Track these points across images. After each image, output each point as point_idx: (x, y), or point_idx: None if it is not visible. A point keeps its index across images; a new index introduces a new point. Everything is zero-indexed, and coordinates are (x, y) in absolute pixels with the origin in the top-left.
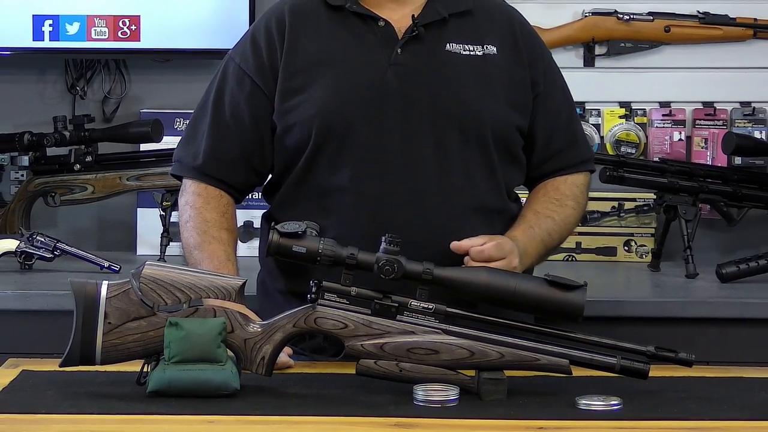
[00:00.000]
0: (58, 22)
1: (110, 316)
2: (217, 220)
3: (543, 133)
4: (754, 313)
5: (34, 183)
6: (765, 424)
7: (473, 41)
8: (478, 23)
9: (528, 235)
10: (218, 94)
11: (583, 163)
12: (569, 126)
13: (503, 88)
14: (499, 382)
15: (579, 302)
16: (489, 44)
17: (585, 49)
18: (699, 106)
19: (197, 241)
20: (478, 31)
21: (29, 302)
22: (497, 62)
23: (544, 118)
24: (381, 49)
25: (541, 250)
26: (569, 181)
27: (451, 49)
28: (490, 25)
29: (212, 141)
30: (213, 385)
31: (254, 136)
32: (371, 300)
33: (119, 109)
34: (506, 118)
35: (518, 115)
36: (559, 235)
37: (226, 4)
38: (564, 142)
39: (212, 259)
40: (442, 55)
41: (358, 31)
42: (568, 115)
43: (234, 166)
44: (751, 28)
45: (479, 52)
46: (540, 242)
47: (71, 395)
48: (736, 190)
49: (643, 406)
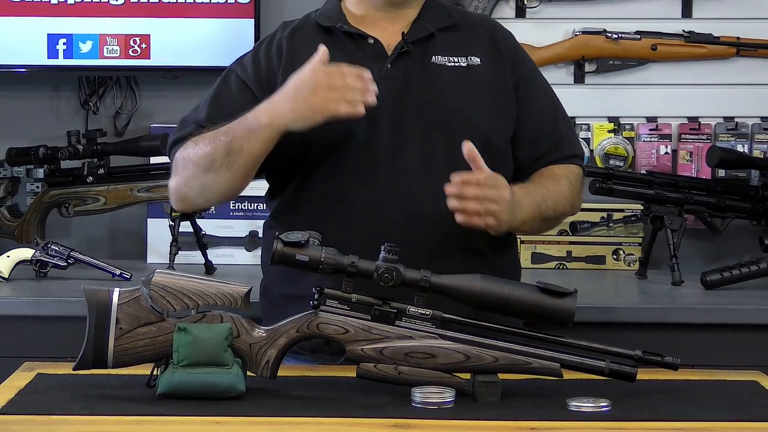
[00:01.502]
0: (72, 41)
1: (121, 321)
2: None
3: (529, 134)
4: (737, 318)
5: (49, 194)
6: (747, 425)
7: (458, 53)
8: (462, 36)
9: (523, 190)
10: (216, 98)
11: (571, 157)
12: (555, 127)
13: (488, 95)
14: (493, 385)
15: (570, 308)
16: (473, 55)
17: (575, 66)
18: (684, 121)
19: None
20: (462, 43)
21: (44, 308)
22: (481, 72)
23: (528, 120)
24: (371, 65)
25: (535, 210)
26: (562, 166)
27: (437, 62)
28: (474, 37)
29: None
30: (220, 387)
31: None
32: (371, 306)
33: (130, 123)
34: (492, 125)
35: (504, 120)
36: (554, 204)
37: (232, 24)
38: (550, 143)
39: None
40: (429, 68)
41: (350, 49)
42: (553, 117)
43: None
44: (734, 47)
45: (464, 63)
46: (534, 202)
47: (84, 397)
48: (720, 202)
49: (631, 408)
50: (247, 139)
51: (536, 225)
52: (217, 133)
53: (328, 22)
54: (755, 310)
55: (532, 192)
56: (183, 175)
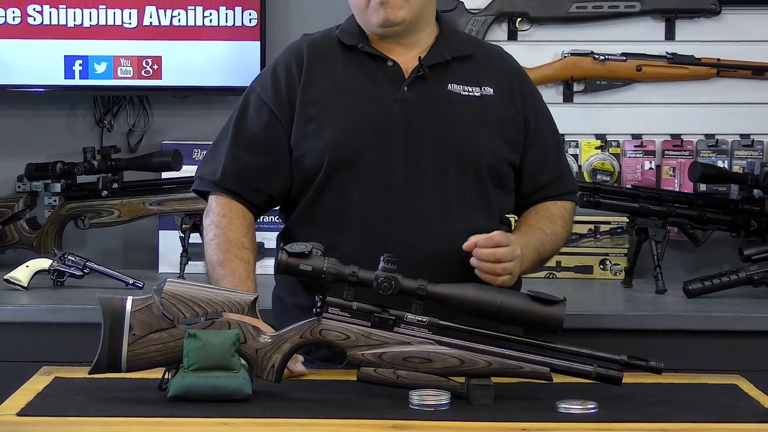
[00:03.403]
0: (88, 62)
1: (134, 328)
2: (239, 240)
3: (532, 167)
4: (718, 325)
5: (66, 208)
6: (727, 425)
7: (472, 83)
8: (477, 67)
9: (523, 240)
10: (239, 120)
11: (569, 193)
12: (557, 163)
13: (498, 125)
14: (486, 388)
15: (559, 315)
16: (486, 86)
17: (564, 86)
18: (667, 138)
19: (220, 258)
20: (477, 73)
21: (61, 315)
22: (493, 102)
23: (533, 154)
24: (389, 86)
25: (535, 256)
26: (558, 204)
27: (452, 89)
28: (488, 68)
29: (231, 160)
30: (228, 390)
31: (270, 159)
32: (371, 313)
33: (143, 140)
34: (500, 153)
35: (511, 151)
36: (551, 247)
37: (239, 47)
38: (551, 177)
39: (233, 276)
40: (444, 95)
41: (369, 69)
42: (556, 153)
43: (250, 184)
44: (714, 68)
45: (477, 93)
46: (534, 249)
47: (99, 400)
48: (701, 214)
49: (617, 410)
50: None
51: (534, 267)
52: (214, 270)
53: (350, 40)
54: (735, 317)
55: (533, 240)
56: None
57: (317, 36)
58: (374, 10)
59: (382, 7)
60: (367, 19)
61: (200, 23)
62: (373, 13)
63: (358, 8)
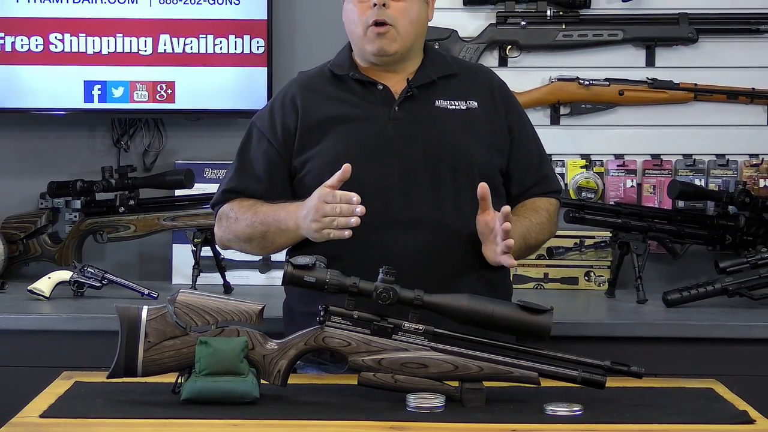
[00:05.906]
0: (106, 87)
1: (150, 335)
2: (253, 203)
3: (518, 171)
4: (695, 333)
5: (85, 223)
6: (704, 427)
7: (458, 98)
8: (461, 83)
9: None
10: (242, 150)
11: (552, 192)
12: (540, 165)
13: (485, 135)
14: (479, 392)
15: (547, 324)
16: (471, 100)
17: (552, 109)
18: (648, 158)
19: (248, 214)
20: (461, 90)
21: (81, 324)
22: (479, 114)
23: (519, 158)
24: (381, 108)
25: (521, 242)
26: (543, 199)
27: (440, 105)
28: (472, 84)
29: (235, 182)
30: (237, 394)
31: (268, 182)
32: (371, 322)
33: (157, 160)
34: (489, 160)
35: (498, 157)
36: (536, 235)
37: (248, 72)
38: (536, 179)
39: (267, 212)
40: (433, 110)
41: (361, 94)
42: (539, 157)
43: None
44: (692, 92)
45: (463, 106)
46: (520, 234)
47: (117, 402)
48: (680, 229)
49: (601, 412)
50: (278, 235)
51: (521, 254)
52: (255, 220)
53: (340, 71)
54: (711, 325)
55: (519, 226)
56: (225, 235)
57: (311, 71)
58: (370, 40)
59: (378, 38)
60: (364, 46)
61: (211, 50)
62: (369, 42)
63: (356, 36)
